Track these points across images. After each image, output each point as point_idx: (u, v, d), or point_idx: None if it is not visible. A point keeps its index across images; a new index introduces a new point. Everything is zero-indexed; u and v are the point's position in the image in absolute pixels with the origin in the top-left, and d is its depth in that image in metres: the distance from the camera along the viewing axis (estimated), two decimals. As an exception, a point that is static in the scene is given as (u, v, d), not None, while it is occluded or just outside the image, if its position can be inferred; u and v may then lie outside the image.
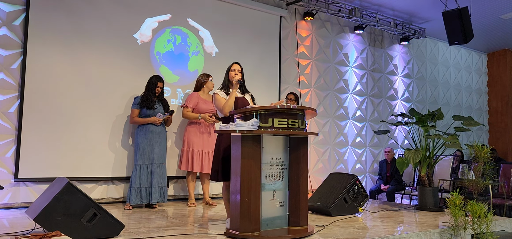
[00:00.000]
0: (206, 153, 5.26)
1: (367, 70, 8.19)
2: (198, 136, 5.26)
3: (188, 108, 5.28)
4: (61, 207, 2.92)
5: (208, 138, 5.30)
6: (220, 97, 3.72)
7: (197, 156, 5.22)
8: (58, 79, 4.98)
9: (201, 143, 5.26)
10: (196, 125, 5.29)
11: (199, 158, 5.23)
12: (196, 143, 5.24)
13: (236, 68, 3.82)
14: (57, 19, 5.00)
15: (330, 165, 7.47)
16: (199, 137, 5.27)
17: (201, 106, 5.28)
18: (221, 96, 3.72)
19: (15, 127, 4.76)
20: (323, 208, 4.55)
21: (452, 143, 5.07)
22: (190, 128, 5.31)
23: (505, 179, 6.19)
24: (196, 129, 5.28)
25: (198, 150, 5.24)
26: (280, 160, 3.48)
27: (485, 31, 8.97)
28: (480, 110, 10.47)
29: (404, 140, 8.65)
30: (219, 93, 3.75)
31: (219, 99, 3.71)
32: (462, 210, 3.79)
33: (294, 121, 3.34)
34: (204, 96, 5.40)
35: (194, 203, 5.22)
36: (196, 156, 5.21)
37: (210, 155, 5.25)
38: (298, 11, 7.27)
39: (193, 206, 5.13)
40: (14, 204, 4.69)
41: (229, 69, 3.84)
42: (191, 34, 6.01)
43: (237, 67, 3.83)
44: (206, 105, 5.31)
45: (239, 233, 3.18)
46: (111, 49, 5.36)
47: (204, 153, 5.25)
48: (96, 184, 5.20)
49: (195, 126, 5.29)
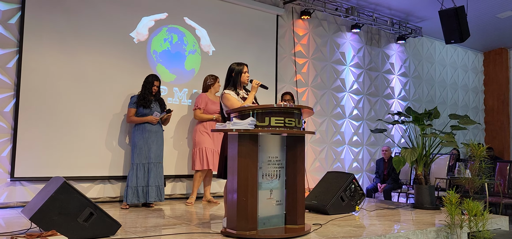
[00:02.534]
0: (217, 152, 5.31)
1: (364, 69, 8.20)
2: (209, 136, 5.33)
3: (200, 110, 5.35)
4: (57, 207, 2.91)
5: (218, 137, 5.35)
6: (232, 98, 3.62)
7: (211, 155, 5.28)
8: (54, 78, 4.96)
9: (212, 142, 5.33)
10: (206, 125, 5.34)
11: (212, 156, 5.30)
12: (208, 142, 5.30)
13: (246, 70, 3.78)
14: (53, 17, 4.98)
15: (327, 164, 7.48)
16: (210, 137, 5.34)
17: (210, 107, 5.36)
18: (233, 97, 3.63)
19: (11, 126, 4.74)
20: (320, 206, 4.56)
21: (449, 141, 5.09)
22: (201, 127, 5.36)
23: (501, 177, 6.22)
24: (205, 128, 5.34)
25: (211, 148, 5.31)
26: (277, 159, 3.48)
27: (481, 30, 9.00)
28: (476, 109, 10.51)
29: (401, 139, 8.67)
30: (230, 93, 3.65)
31: (231, 99, 3.61)
32: (458, 208, 3.80)
33: (291, 119, 3.34)
34: (212, 97, 5.48)
35: (192, 203, 5.23)
36: (210, 154, 5.28)
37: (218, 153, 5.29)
38: (295, 10, 7.27)
39: (189, 204, 5.14)
40: (10, 204, 4.67)
41: (241, 71, 3.74)
42: (188, 33, 6.00)
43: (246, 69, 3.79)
44: (215, 106, 5.39)
45: (236, 232, 3.18)
46: (108, 48, 5.34)
47: (215, 152, 5.32)
48: (93, 183, 5.18)
49: (205, 126, 5.35)
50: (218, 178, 3.82)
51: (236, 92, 3.71)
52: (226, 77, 3.80)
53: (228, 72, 3.80)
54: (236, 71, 3.75)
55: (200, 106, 5.35)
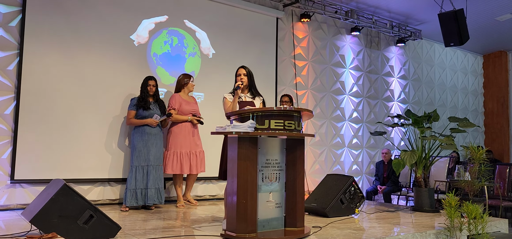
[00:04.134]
0: (193, 154, 5.22)
1: (364, 72, 8.21)
2: (185, 137, 5.19)
3: (175, 111, 5.20)
4: (57, 209, 2.91)
5: (193, 138, 5.25)
6: (226, 101, 3.86)
7: (186, 158, 5.16)
8: (54, 81, 4.97)
9: (188, 144, 5.19)
10: (182, 126, 5.21)
11: (188, 159, 5.17)
12: (184, 145, 5.17)
13: (241, 72, 3.89)
14: (53, 20, 4.99)
15: (327, 166, 7.48)
16: (186, 138, 5.19)
17: (184, 107, 5.23)
18: (227, 100, 3.86)
19: (11, 128, 4.74)
20: (320, 209, 4.56)
21: (448, 144, 5.09)
22: (176, 129, 5.20)
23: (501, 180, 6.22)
24: (182, 130, 5.19)
25: (187, 151, 5.18)
26: (276, 161, 3.49)
27: (481, 33, 9.02)
28: (475, 112, 10.52)
29: (400, 141, 8.68)
30: (227, 97, 3.88)
31: (225, 103, 3.87)
32: (458, 211, 3.80)
33: (290, 122, 3.35)
34: (185, 97, 5.34)
35: (183, 204, 5.22)
36: (185, 157, 5.15)
37: (197, 155, 5.24)
38: (295, 12, 7.28)
39: (182, 207, 5.12)
40: (10, 206, 4.68)
41: (236, 74, 3.94)
42: (188, 36, 6.01)
43: (242, 71, 3.90)
44: (189, 106, 5.27)
45: (235, 234, 3.19)
46: (108, 51, 5.35)
47: (191, 154, 5.20)
48: (93, 186, 5.19)
49: (181, 127, 5.20)
50: (219, 179, 3.87)
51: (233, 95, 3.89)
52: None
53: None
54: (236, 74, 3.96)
55: (174, 107, 5.21)
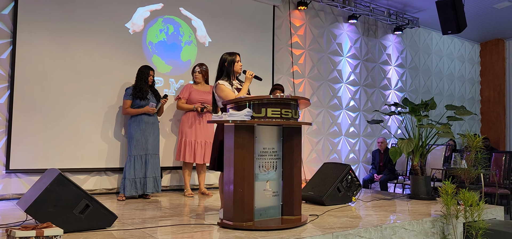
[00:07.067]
0: (198, 143, 5.26)
1: (361, 60, 8.18)
2: (190, 126, 5.28)
3: (181, 100, 5.33)
4: (53, 198, 2.89)
5: (200, 127, 5.30)
6: (226, 88, 3.59)
7: (189, 147, 5.23)
8: (49, 69, 4.92)
9: (194, 133, 5.27)
10: (189, 115, 5.31)
11: (191, 148, 5.24)
12: (188, 133, 5.26)
13: (238, 59, 3.75)
14: (47, 8, 4.92)
15: (324, 155, 7.49)
16: (192, 127, 5.28)
17: (193, 96, 5.32)
18: (227, 88, 3.59)
19: (5, 118, 4.70)
20: (317, 197, 4.56)
21: (445, 132, 5.09)
22: (184, 118, 5.35)
23: (497, 168, 6.25)
24: (188, 119, 5.31)
25: (191, 140, 5.25)
26: (273, 150, 3.47)
27: (478, 21, 8.99)
28: (472, 100, 10.53)
29: (397, 130, 8.68)
30: (225, 84, 3.62)
31: (226, 90, 3.57)
32: (454, 198, 3.81)
33: (287, 110, 3.33)
34: (199, 87, 5.43)
35: (191, 193, 5.23)
36: (188, 146, 5.23)
37: (203, 145, 5.27)
38: (292, 0, 7.22)
39: (190, 196, 5.13)
40: (5, 196, 4.65)
41: (234, 61, 3.70)
42: (184, 24, 5.96)
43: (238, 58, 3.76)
44: (199, 95, 5.33)
45: (232, 223, 3.18)
46: (103, 39, 5.30)
47: (196, 143, 5.26)
48: (89, 175, 5.17)
49: (187, 116, 5.32)
50: (210, 170, 3.80)
51: (229, 82, 3.68)
52: (218, 68, 3.75)
53: (220, 62, 3.75)
54: (229, 61, 3.72)
55: (180, 96, 5.34)
